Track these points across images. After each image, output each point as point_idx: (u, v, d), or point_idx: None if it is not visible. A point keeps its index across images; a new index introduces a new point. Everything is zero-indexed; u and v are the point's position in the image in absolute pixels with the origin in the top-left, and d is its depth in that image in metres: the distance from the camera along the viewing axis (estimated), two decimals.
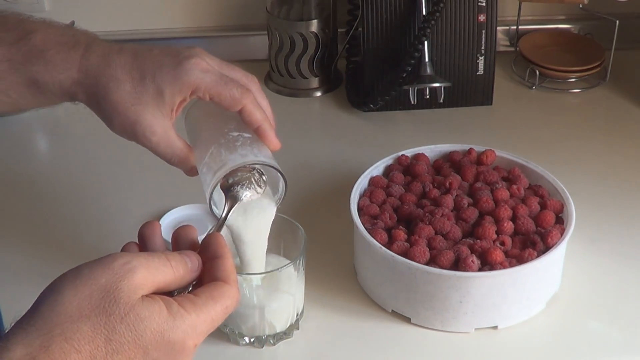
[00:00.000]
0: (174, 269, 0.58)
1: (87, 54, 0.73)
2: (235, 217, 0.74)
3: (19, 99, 0.76)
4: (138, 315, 0.53)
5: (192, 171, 0.77)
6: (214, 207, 0.73)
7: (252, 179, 0.73)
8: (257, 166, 0.73)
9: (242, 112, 0.74)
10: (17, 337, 0.51)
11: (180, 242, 0.63)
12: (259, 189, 0.74)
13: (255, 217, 0.75)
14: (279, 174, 0.73)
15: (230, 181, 0.72)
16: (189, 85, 0.72)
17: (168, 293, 0.57)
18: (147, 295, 0.55)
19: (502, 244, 0.88)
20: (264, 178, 0.74)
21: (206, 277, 0.60)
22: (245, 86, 0.74)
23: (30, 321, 0.52)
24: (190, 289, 0.60)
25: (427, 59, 1.18)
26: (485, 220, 0.90)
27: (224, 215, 0.70)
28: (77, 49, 0.73)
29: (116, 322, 0.52)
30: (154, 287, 0.56)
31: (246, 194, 0.72)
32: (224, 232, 0.68)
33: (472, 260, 0.85)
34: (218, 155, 0.72)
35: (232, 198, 0.72)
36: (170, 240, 0.63)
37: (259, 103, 0.75)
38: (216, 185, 0.71)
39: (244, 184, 0.72)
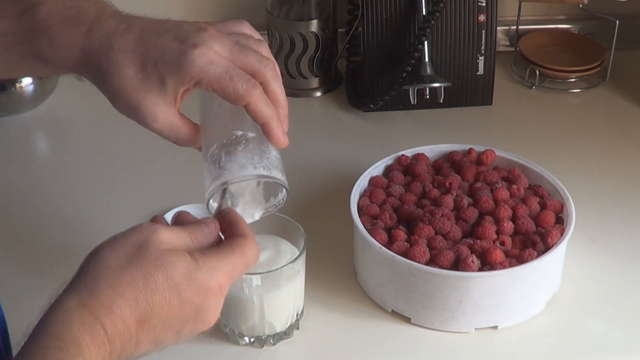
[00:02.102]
0: (191, 234, 0.65)
1: (90, 34, 0.70)
2: None
3: (29, 68, 0.77)
4: (167, 260, 0.61)
5: (201, 149, 0.75)
6: (210, 208, 0.72)
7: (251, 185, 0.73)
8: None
9: (247, 108, 0.70)
10: (69, 292, 0.59)
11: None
12: (257, 196, 0.74)
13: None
14: (283, 187, 0.72)
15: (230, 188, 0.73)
16: (192, 77, 0.69)
17: None
18: (174, 249, 0.62)
19: (502, 244, 0.88)
20: (261, 189, 0.74)
21: (225, 239, 0.67)
22: (256, 75, 0.70)
23: (77, 280, 0.60)
24: None
25: (427, 59, 1.18)
26: (485, 220, 0.90)
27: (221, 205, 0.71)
28: (81, 26, 0.70)
29: (150, 266, 0.60)
30: (179, 246, 0.63)
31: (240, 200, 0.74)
32: None
33: (472, 260, 0.85)
34: (218, 159, 0.70)
35: (229, 197, 0.73)
36: None
37: (271, 90, 0.72)
38: (212, 194, 0.70)
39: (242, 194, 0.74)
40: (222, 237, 0.68)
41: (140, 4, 1.38)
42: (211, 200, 0.72)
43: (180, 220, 0.68)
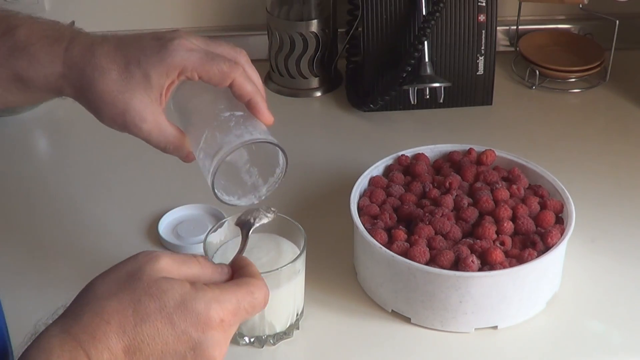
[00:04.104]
0: (201, 264, 0.62)
1: (70, 47, 0.72)
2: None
3: (6, 94, 0.74)
4: (160, 287, 0.57)
5: (188, 157, 0.76)
6: (217, 192, 0.72)
7: (261, 210, 0.75)
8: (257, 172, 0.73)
9: (233, 86, 0.72)
10: (56, 322, 0.57)
11: None
12: (269, 215, 0.75)
13: None
14: (278, 149, 0.72)
15: (242, 217, 0.75)
16: (175, 66, 0.71)
17: None
18: (171, 278, 0.58)
19: (502, 244, 0.88)
20: (273, 209, 0.76)
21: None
22: (233, 59, 0.73)
23: (66, 311, 0.58)
24: None
25: (427, 59, 1.18)
26: (485, 220, 0.90)
27: (242, 244, 0.73)
28: (60, 42, 0.72)
29: (141, 294, 0.56)
30: (179, 276, 0.59)
31: (258, 222, 0.75)
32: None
33: (472, 260, 0.85)
34: (213, 139, 0.71)
35: (246, 227, 0.74)
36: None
37: (249, 75, 0.74)
38: (216, 171, 0.70)
39: (255, 217, 0.74)
40: None
41: (140, 4, 1.39)
42: (219, 193, 0.72)
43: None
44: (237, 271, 0.64)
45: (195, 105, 0.76)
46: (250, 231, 0.73)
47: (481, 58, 1.23)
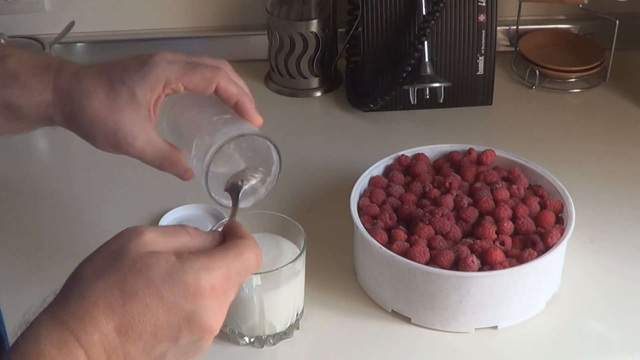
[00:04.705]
0: (190, 234, 0.60)
1: (58, 74, 0.73)
2: None
3: None
4: (145, 263, 0.56)
5: (187, 174, 0.76)
6: (212, 193, 0.72)
7: (248, 171, 0.72)
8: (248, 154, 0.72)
9: (218, 90, 0.72)
10: (46, 308, 0.56)
11: None
12: (256, 175, 0.73)
13: None
14: (270, 143, 0.70)
15: (230, 181, 0.72)
16: (159, 80, 0.71)
17: None
18: (156, 251, 0.57)
19: (502, 244, 0.88)
20: (260, 169, 0.73)
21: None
22: (215, 66, 0.73)
23: (55, 297, 0.57)
24: None
25: (427, 59, 1.18)
26: (485, 220, 0.90)
27: (233, 207, 0.70)
28: (50, 70, 0.73)
29: (126, 272, 0.55)
30: (167, 249, 0.58)
31: (246, 184, 0.72)
32: None
33: (472, 260, 0.85)
34: (203, 143, 0.71)
35: (235, 191, 0.71)
36: None
37: (234, 81, 0.74)
38: (207, 170, 0.69)
39: (243, 179, 0.72)
40: None
41: (140, 4, 1.39)
42: (214, 196, 0.72)
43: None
44: (228, 234, 0.63)
45: (186, 119, 0.76)
46: (240, 194, 0.71)
47: (481, 58, 1.23)
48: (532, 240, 0.88)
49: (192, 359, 0.59)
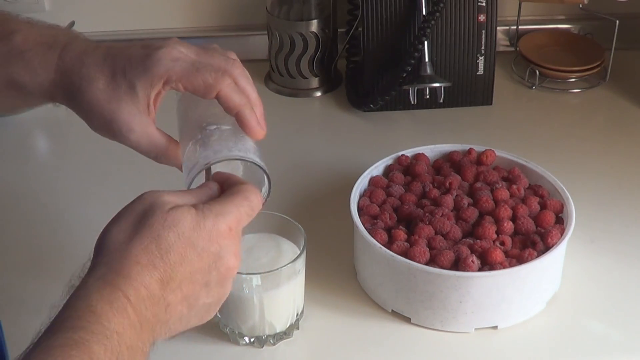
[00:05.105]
0: (193, 191, 0.66)
1: (63, 54, 0.72)
2: None
3: (0, 98, 0.75)
4: (173, 217, 0.61)
5: None
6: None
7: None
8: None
9: (219, 98, 0.70)
10: (87, 274, 0.59)
11: None
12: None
13: None
14: (260, 169, 0.69)
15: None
16: (159, 77, 0.70)
17: None
18: (179, 205, 0.63)
19: (502, 244, 0.88)
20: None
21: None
22: (223, 69, 0.71)
23: (92, 263, 0.60)
24: None
25: (427, 59, 1.18)
26: (485, 220, 0.90)
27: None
28: (54, 49, 0.72)
29: (158, 229, 0.60)
30: (185, 203, 0.63)
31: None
32: None
33: (472, 260, 0.85)
34: (193, 153, 0.70)
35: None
36: None
37: (241, 87, 0.71)
38: (190, 185, 0.68)
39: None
40: None
41: (140, 4, 1.39)
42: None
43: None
44: (224, 184, 0.67)
45: (188, 116, 0.75)
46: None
47: (481, 58, 1.23)
48: (532, 240, 0.88)
49: (219, 301, 0.65)
